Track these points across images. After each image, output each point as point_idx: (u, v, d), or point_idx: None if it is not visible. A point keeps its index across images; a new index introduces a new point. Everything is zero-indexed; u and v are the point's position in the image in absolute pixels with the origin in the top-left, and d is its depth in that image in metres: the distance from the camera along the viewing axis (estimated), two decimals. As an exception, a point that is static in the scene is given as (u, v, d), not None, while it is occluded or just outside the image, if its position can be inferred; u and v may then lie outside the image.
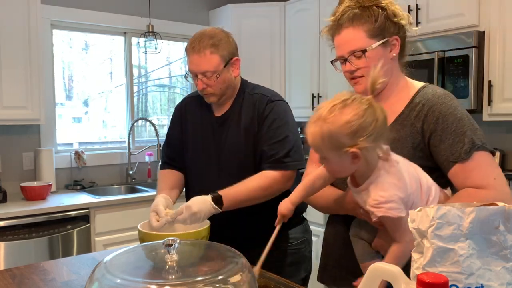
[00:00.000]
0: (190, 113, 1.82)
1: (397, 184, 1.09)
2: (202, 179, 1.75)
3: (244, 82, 1.77)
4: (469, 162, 1.16)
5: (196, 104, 1.81)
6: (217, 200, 1.52)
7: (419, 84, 1.31)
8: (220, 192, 1.54)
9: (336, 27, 1.27)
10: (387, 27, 1.23)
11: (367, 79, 1.13)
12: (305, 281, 1.76)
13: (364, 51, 1.22)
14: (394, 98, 1.30)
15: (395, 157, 1.14)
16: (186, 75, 1.72)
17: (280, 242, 1.76)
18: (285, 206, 1.26)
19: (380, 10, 1.23)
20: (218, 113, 1.74)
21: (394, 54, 1.26)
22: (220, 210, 1.53)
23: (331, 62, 1.33)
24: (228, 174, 1.68)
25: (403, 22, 1.25)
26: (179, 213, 1.47)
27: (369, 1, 1.24)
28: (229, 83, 1.69)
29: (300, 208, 1.63)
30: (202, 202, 1.50)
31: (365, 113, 1.04)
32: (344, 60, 1.27)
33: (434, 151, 1.21)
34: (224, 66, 1.63)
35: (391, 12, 1.23)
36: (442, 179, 1.22)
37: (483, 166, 1.17)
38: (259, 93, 1.72)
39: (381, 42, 1.22)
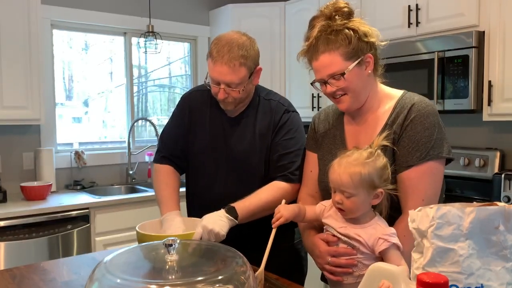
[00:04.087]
0: (198, 107, 1.74)
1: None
2: (209, 181, 1.70)
3: (257, 86, 1.72)
4: (416, 169, 1.26)
5: (205, 99, 1.74)
6: (231, 212, 1.48)
7: (398, 92, 1.40)
8: (233, 205, 1.50)
9: (312, 52, 1.34)
10: (360, 48, 1.30)
11: (349, 96, 1.33)
12: (302, 281, 1.76)
13: (343, 74, 1.29)
14: (377, 109, 1.38)
15: None
16: (206, 81, 1.62)
17: (282, 242, 1.75)
18: (291, 210, 1.34)
19: (352, 32, 1.29)
20: (230, 114, 1.69)
21: (370, 71, 1.34)
22: (237, 222, 1.48)
23: (311, 83, 1.41)
24: (237, 177, 1.66)
25: (373, 40, 1.32)
26: (198, 236, 1.41)
27: (340, 24, 1.30)
28: (250, 92, 1.66)
29: None
30: (216, 217, 1.45)
31: (388, 163, 1.24)
32: (324, 82, 1.34)
33: (395, 153, 1.30)
34: (249, 77, 1.59)
35: (362, 33, 1.30)
36: None
37: (425, 179, 1.26)
38: (276, 100, 1.70)
39: (356, 62, 1.29)
